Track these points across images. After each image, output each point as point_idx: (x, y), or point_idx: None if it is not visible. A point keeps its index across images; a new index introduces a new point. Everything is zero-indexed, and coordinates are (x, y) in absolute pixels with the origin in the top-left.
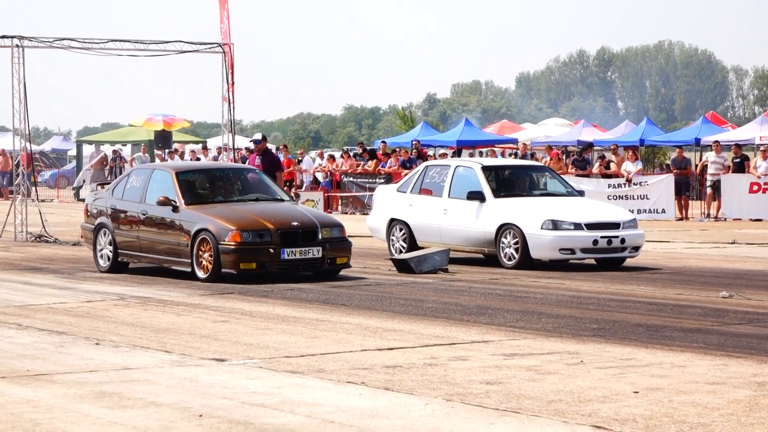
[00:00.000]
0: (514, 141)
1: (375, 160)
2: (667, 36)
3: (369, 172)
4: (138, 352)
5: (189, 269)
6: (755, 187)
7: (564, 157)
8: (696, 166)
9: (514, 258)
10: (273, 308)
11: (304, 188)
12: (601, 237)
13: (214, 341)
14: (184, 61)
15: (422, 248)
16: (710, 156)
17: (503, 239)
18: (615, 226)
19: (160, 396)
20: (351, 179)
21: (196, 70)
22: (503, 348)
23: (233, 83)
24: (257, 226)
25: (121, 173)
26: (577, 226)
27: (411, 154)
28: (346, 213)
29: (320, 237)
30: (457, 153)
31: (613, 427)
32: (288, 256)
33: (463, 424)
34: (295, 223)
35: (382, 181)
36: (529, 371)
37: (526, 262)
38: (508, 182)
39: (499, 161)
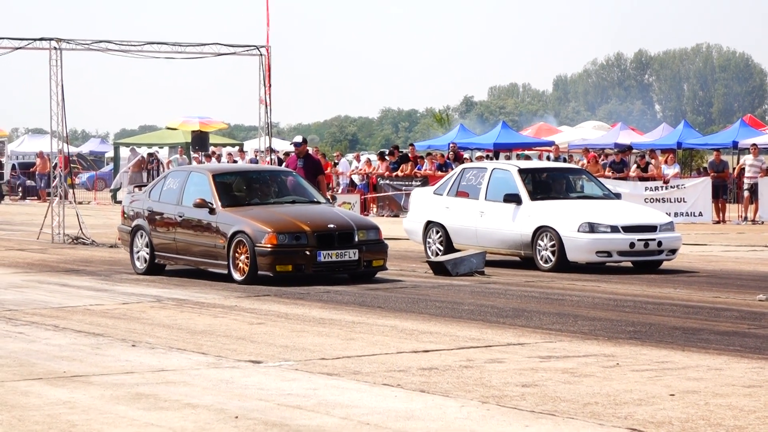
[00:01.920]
0: (551, 144)
1: (411, 163)
2: (704, 39)
3: (406, 175)
4: (174, 353)
5: (225, 271)
6: None
7: (600, 159)
8: (733, 169)
9: (551, 260)
10: (309, 310)
11: (340, 191)
12: (638, 240)
13: (250, 343)
14: (221, 64)
15: (458, 251)
16: (748, 159)
17: (540, 242)
18: (652, 228)
19: (196, 398)
20: (387, 182)
21: (233, 72)
22: (539, 350)
23: (270, 86)
24: (293, 229)
25: (158, 175)
26: (614, 229)
27: (447, 157)
28: (383, 215)
29: (356, 239)
30: (495, 156)
31: (649, 429)
32: (324, 258)
33: (498, 426)
34: (332, 226)
35: (419, 183)
36: (565, 374)
37: (563, 264)
38: (545, 185)
39: (536, 164)
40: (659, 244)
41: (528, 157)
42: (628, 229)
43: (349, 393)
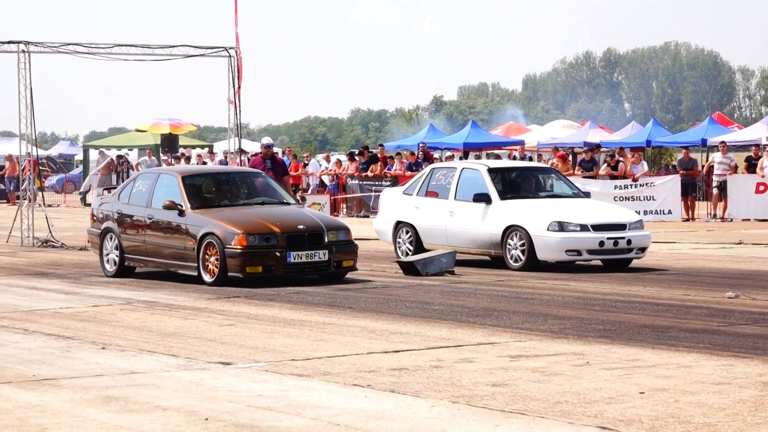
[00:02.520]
0: (521, 143)
1: (380, 163)
2: (673, 37)
3: (375, 175)
4: (144, 356)
5: (195, 273)
6: (762, 188)
7: (570, 158)
8: (702, 166)
9: (521, 260)
10: (279, 312)
11: (310, 191)
12: (607, 238)
13: (220, 345)
14: (190, 66)
15: (428, 250)
16: (716, 157)
17: (509, 241)
18: (621, 227)
19: (166, 400)
20: (357, 182)
21: (202, 74)
22: (509, 350)
23: (240, 87)
24: (263, 230)
25: (127, 178)
26: (584, 228)
27: (417, 157)
28: (352, 216)
29: (326, 240)
30: (464, 155)
31: (619, 427)
32: (294, 259)
33: (468, 426)
34: (302, 227)
35: (388, 183)
36: (535, 373)
37: (533, 263)
38: (514, 184)
39: (505, 163)
40: (628, 242)
41: (498, 157)
42: (597, 227)
43: (320, 394)
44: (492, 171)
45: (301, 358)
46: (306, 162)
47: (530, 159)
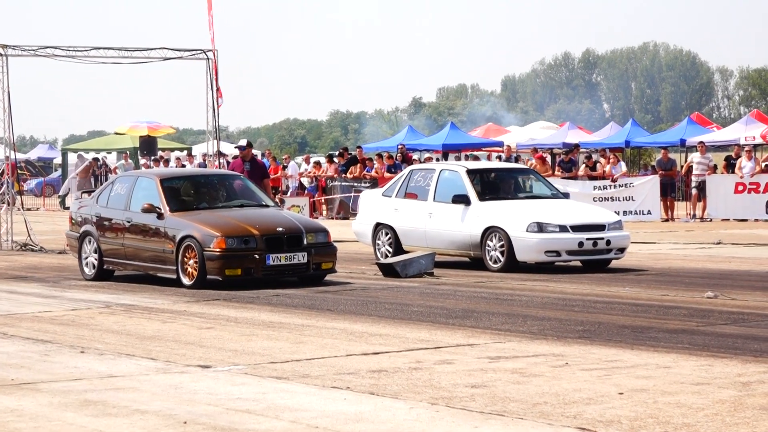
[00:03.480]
0: (500, 144)
1: (360, 165)
2: (651, 37)
3: (355, 177)
4: (123, 359)
5: (174, 276)
6: (740, 188)
7: (550, 159)
8: (681, 167)
9: (500, 261)
10: (258, 314)
11: (289, 194)
12: (587, 239)
13: (199, 348)
14: (168, 68)
15: (407, 252)
16: (695, 157)
17: (489, 242)
18: (600, 227)
19: (144, 403)
20: (336, 184)
21: (181, 77)
22: (488, 351)
23: (218, 89)
24: (242, 233)
25: (106, 181)
26: (563, 229)
27: (396, 159)
28: (332, 218)
29: (305, 242)
30: (444, 157)
31: (598, 428)
32: (273, 261)
33: (447, 427)
34: (280, 229)
35: (367, 185)
36: (515, 374)
37: (512, 264)
38: (493, 185)
39: (484, 164)
40: (608, 242)
41: (477, 158)
42: (576, 228)
43: (299, 396)
44: (471, 172)
45: (280, 361)
46: (285, 164)
47: (517, 159)
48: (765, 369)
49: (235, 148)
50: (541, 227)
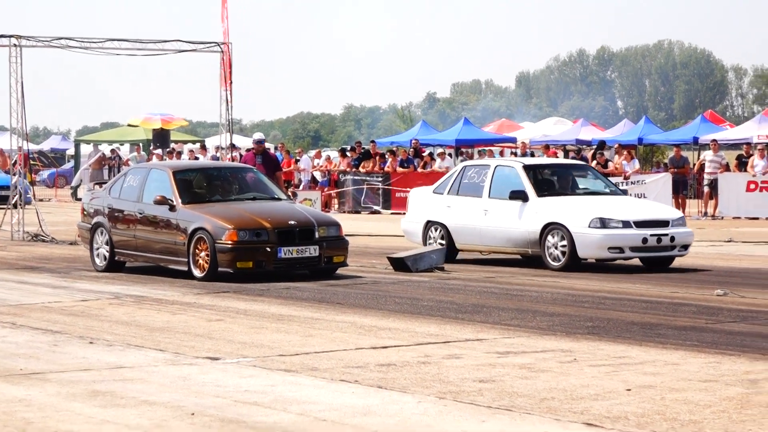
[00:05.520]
0: (513, 140)
1: (373, 159)
2: (666, 35)
3: (368, 171)
4: (132, 351)
5: (185, 268)
6: (752, 186)
7: (562, 156)
8: (694, 165)
9: (560, 259)
10: (268, 307)
11: (302, 187)
12: (651, 235)
13: (208, 340)
14: (183, 61)
15: (460, 250)
16: (708, 155)
17: (549, 239)
18: (664, 224)
19: (152, 395)
20: (349, 177)
21: (195, 69)
22: (497, 346)
23: (231, 82)
24: (254, 225)
25: (118, 173)
26: (626, 224)
27: (409, 153)
28: (344, 212)
29: (317, 236)
30: (455, 152)
31: (605, 424)
32: (285, 254)
33: (455, 422)
34: (292, 222)
35: (380, 180)
36: (523, 369)
37: (574, 262)
38: (550, 181)
39: (541, 160)
40: (672, 239)
41: (491, 153)
42: (640, 224)
43: (307, 389)
44: (527, 168)
45: (289, 354)
46: (298, 158)
47: (531, 155)
48: None
49: (254, 142)
50: (603, 223)
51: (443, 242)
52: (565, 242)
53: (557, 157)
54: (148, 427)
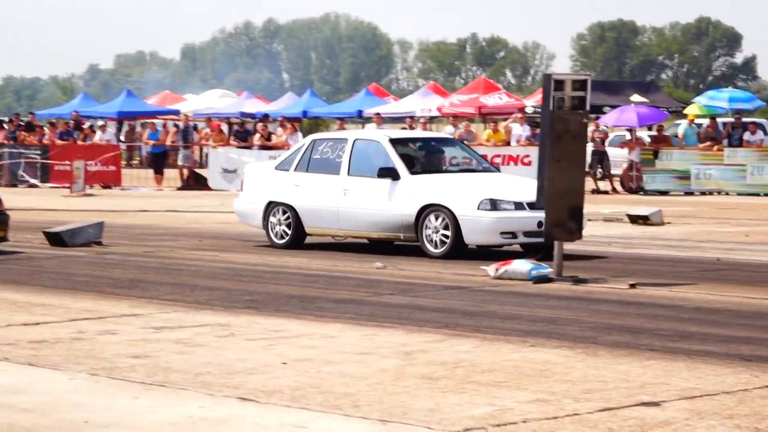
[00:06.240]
0: (176, 112)
1: (33, 132)
2: (332, 8)
3: (26, 144)
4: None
5: None
6: None
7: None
8: None
9: (442, 245)
10: None
11: None
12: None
13: None
14: None
15: (310, 235)
16: (370, 128)
17: (427, 223)
18: None
19: None
20: (5, 150)
21: None
22: (153, 321)
23: None
24: None
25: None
26: (518, 206)
27: (69, 126)
28: (1, 186)
29: None
30: (119, 124)
31: (260, 398)
32: None
33: (106, 398)
34: None
35: (38, 152)
36: (179, 344)
37: (458, 248)
38: (420, 157)
39: (408, 133)
40: None
41: (154, 126)
42: (533, 205)
43: None
44: (395, 142)
45: None
46: None
47: (195, 128)
48: (428, 338)
49: None
50: (494, 205)
51: (288, 226)
52: (447, 226)
53: (222, 131)
54: None
